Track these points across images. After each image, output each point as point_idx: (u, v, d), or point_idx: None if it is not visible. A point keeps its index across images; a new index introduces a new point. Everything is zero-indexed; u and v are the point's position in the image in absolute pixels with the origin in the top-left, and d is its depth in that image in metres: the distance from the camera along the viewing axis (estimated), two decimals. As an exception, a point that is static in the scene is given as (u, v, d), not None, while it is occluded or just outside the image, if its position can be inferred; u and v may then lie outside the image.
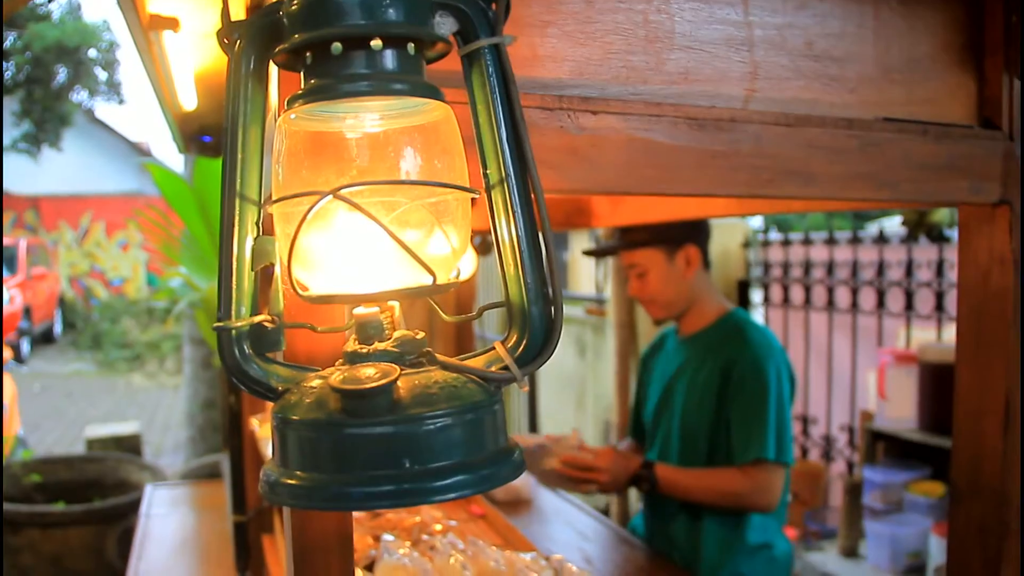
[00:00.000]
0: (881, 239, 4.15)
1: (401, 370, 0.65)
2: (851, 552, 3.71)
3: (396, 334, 0.70)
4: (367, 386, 0.63)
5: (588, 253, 2.97)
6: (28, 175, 15.43)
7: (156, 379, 12.54)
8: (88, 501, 4.50)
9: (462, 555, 1.66)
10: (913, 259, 3.96)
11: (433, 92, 0.70)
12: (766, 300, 4.90)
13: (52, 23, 13.21)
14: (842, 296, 4.44)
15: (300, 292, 0.71)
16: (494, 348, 0.72)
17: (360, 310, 0.71)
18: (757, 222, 5.05)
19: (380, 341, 0.70)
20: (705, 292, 2.44)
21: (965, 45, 1.26)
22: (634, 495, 4.83)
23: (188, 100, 2.48)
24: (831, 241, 4.43)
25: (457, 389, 0.67)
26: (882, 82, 1.19)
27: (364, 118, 0.72)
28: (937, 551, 3.33)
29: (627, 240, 2.43)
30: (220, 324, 0.71)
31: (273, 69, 0.82)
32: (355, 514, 1.98)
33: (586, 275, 7.26)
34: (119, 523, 4.21)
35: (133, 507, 3.29)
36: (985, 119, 1.27)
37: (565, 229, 2.49)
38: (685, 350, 2.45)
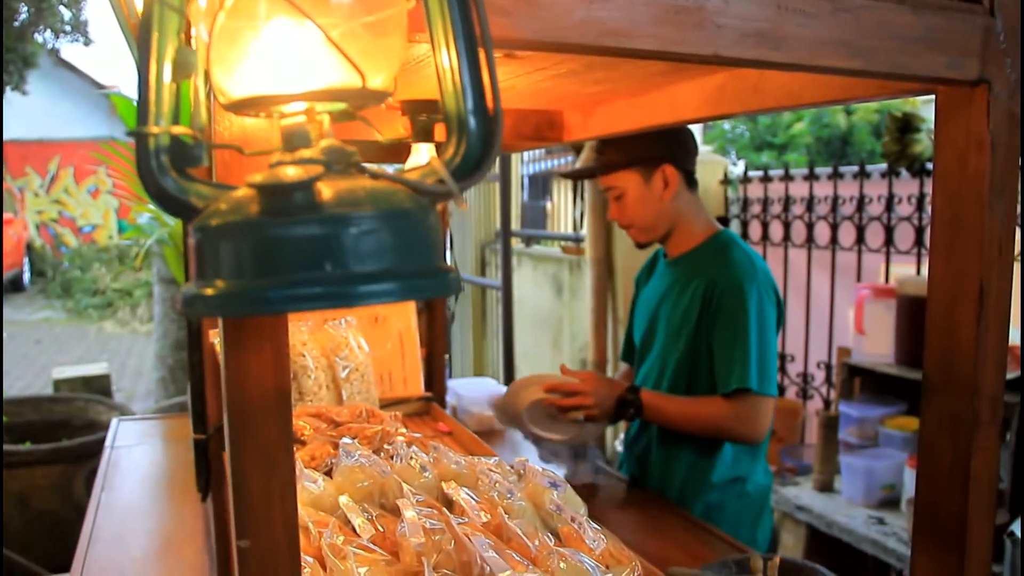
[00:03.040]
0: (862, 173, 4.11)
1: (324, 170, 0.60)
2: (826, 487, 3.70)
3: (323, 143, 0.65)
4: (286, 181, 0.58)
5: (564, 175, 2.92)
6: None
7: (128, 326, 12.44)
8: (56, 441, 4.45)
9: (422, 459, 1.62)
10: (894, 194, 3.92)
11: None
12: (745, 237, 4.86)
13: (9, -44, 12.72)
14: (822, 232, 4.40)
15: (220, 99, 0.65)
16: (430, 163, 0.67)
17: (287, 121, 0.66)
18: (739, 169, 4.99)
19: (307, 150, 0.65)
20: (690, 213, 2.34)
21: (946, -91, 1.20)
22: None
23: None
24: (811, 176, 4.39)
25: (387, 196, 0.62)
26: (857, -54, 1.13)
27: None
28: (911, 484, 3.33)
29: (602, 162, 2.33)
30: (135, 130, 0.66)
31: None
32: (315, 424, 1.94)
33: (567, 218, 7.21)
34: (87, 463, 4.16)
35: (101, 446, 3.24)
36: (965, -8, 1.22)
37: (536, 144, 2.41)
38: (671, 273, 2.37)
